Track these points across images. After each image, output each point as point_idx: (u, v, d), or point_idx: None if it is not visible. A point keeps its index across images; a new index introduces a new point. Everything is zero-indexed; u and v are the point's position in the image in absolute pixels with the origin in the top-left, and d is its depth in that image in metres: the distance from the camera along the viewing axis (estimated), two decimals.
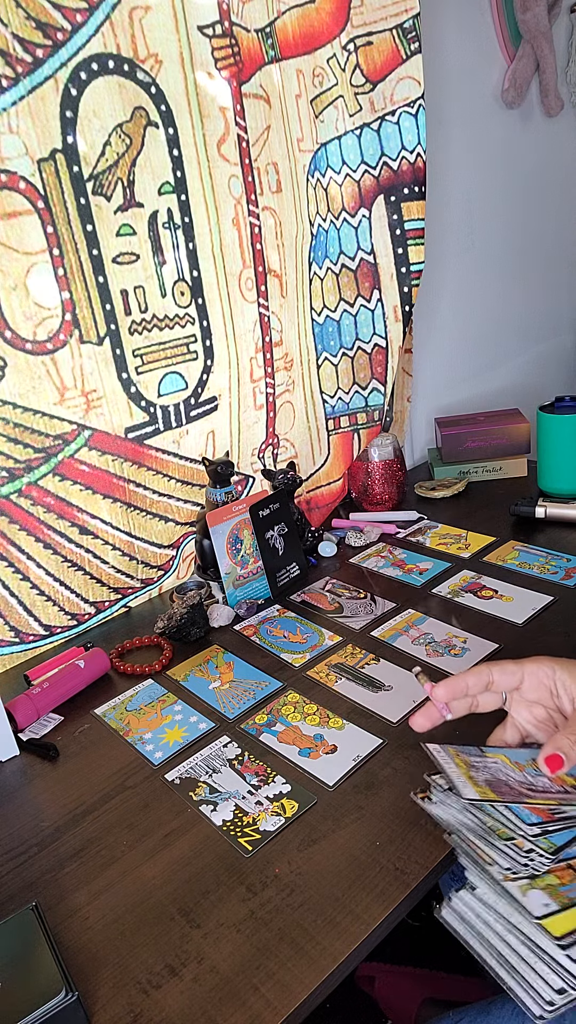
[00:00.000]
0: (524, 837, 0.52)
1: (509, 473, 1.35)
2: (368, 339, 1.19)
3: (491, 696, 0.62)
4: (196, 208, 0.97)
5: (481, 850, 0.53)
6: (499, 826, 0.54)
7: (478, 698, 0.62)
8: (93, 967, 0.55)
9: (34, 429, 0.90)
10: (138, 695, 0.87)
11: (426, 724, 0.61)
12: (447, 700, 0.61)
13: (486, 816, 0.54)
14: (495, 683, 0.61)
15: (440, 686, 0.61)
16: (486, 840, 0.53)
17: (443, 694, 0.61)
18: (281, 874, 0.60)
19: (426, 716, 0.61)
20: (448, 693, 0.61)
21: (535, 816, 0.54)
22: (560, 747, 0.55)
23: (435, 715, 0.61)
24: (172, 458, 1.05)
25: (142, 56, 0.87)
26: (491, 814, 0.54)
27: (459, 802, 0.56)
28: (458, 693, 0.61)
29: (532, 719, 0.62)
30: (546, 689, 0.60)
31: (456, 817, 0.56)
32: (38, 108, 0.81)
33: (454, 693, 0.61)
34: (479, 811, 0.55)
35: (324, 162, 1.09)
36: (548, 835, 0.53)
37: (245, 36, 0.97)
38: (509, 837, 0.53)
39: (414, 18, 1.01)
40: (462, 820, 0.55)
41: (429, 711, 0.61)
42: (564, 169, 1.69)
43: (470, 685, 0.61)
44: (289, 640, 0.93)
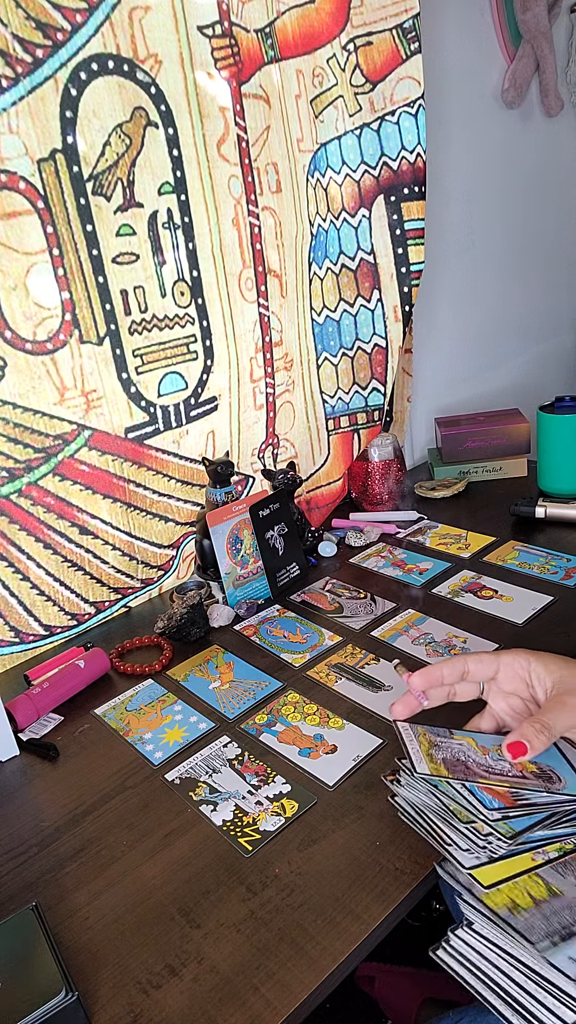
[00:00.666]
0: (484, 821, 0.54)
1: (509, 473, 1.35)
2: (368, 339, 1.19)
3: (468, 686, 0.65)
4: (196, 208, 0.97)
5: (442, 831, 0.54)
6: (461, 809, 0.55)
7: (455, 687, 0.65)
8: (93, 967, 0.55)
9: (34, 429, 0.90)
10: (138, 695, 0.87)
11: (404, 711, 0.64)
12: (423, 688, 0.64)
13: (450, 800, 0.56)
14: (471, 673, 0.64)
15: (416, 675, 0.64)
16: (447, 822, 0.55)
17: (419, 682, 0.63)
18: (281, 874, 0.60)
19: (404, 704, 0.64)
20: (424, 682, 0.63)
21: (497, 801, 0.55)
22: (524, 735, 0.56)
23: (413, 703, 0.64)
24: (172, 458, 1.05)
25: (142, 56, 0.87)
26: (454, 798, 0.56)
27: (425, 785, 0.58)
28: (434, 682, 0.64)
29: (509, 709, 0.64)
30: (521, 680, 0.62)
31: (421, 799, 0.57)
32: (38, 108, 0.81)
33: (429, 682, 0.63)
34: (444, 795, 0.57)
35: (324, 162, 1.09)
36: (508, 820, 0.54)
37: (245, 36, 0.97)
38: (470, 820, 0.54)
39: (414, 18, 1.01)
40: (426, 802, 0.57)
41: (407, 699, 0.64)
42: (564, 169, 1.69)
43: (445, 675, 0.63)
44: (289, 640, 0.93)
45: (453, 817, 0.55)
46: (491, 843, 0.53)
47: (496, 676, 0.63)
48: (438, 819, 0.55)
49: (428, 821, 0.56)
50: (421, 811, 0.57)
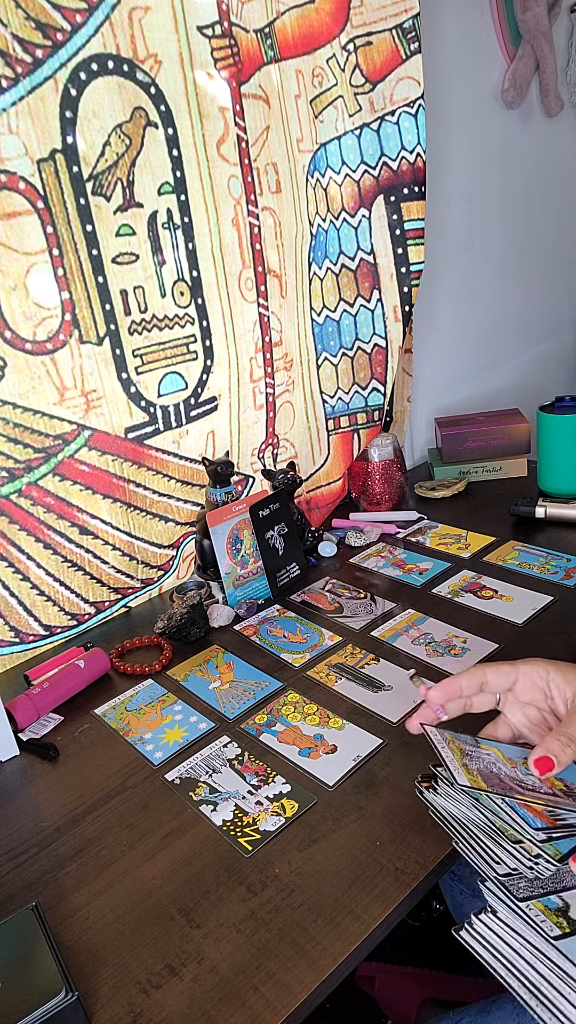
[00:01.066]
0: (532, 842, 0.52)
1: (509, 473, 1.35)
2: (368, 339, 1.19)
3: (485, 697, 0.63)
4: (196, 208, 0.97)
5: (488, 848, 0.53)
6: (507, 827, 0.54)
7: (472, 699, 0.63)
8: (93, 967, 0.55)
9: (34, 429, 0.90)
10: (138, 695, 0.87)
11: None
12: (442, 702, 0.62)
13: (494, 816, 0.55)
14: (489, 684, 0.62)
15: (435, 688, 0.62)
16: (494, 840, 0.53)
17: (438, 696, 0.61)
18: (281, 874, 0.60)
19: (422, 717, 0.62)
20: (443, 695, 0.61)
21: (540, 821, 0.54)
22: (551, 749, 0.55)
23: (430, 716, 0.62)
24: (172, 458, 1.05)
25: (141, 56, 0.87)
26: (498, 814, 0.55)
27: (467, 797, 0.56)
28: (452, 695, 0.62)
29: (525, 720, 0.63)
30: (540, 690, 0.61)
31: (464, 812, 0.56)
32: (38, 108, 0.81)
33: (448, 695, 0.62)
34: (487, 809, 0.55)
35: (324, 162, 1.09)
36: (554, 841, 0.53)
37: (244, 36, 0.97)
38: (517, 840, 0.53)
39: (414, 18, 1.01)
40: (470, 816, 0.55)
41: (424, 713, 0.62)
42: (564, 169, 1.69)
43: (464, 687, 0.62)
44: (289, 640, 0.93)
45: (499, 835, 0.54)
46: (539, 864, 0.52)
47: (514, 687, 0.62)
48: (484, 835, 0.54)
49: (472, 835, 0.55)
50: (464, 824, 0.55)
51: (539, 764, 0.55)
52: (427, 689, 0.62)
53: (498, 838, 0.53)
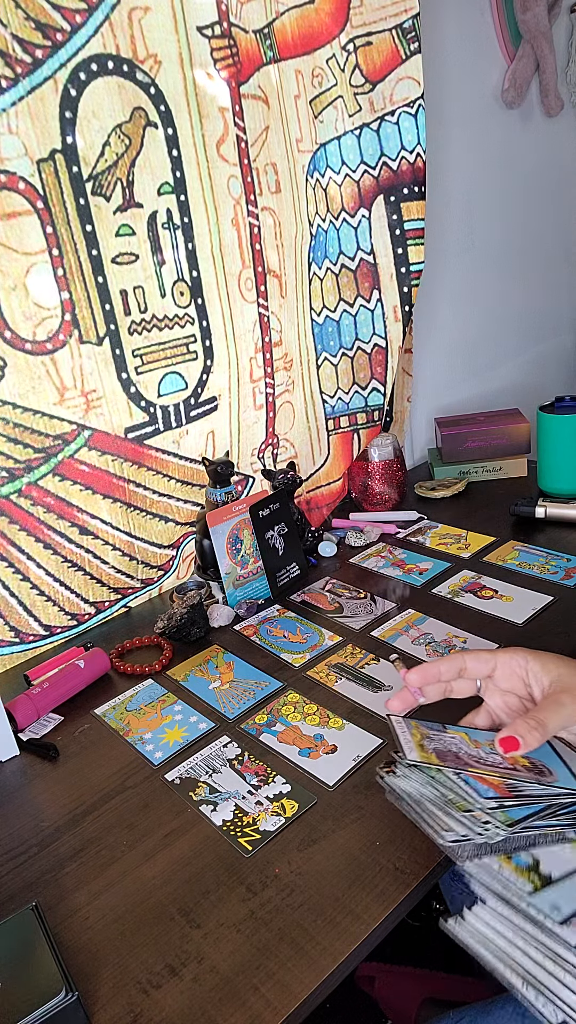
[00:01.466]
0: (482, 810, 0.54)
1: (509, 473, 1.35)
2: (368, 339, 1.19)
3: (465, 683, 0.65)
4: (195, 208, 0.97)
5: (440, 819, 0.54)
6: (459, 799, 0.55)
7: (452, 684, 0.65)
8: (93, 967, 0.55)
9: (34, 429, 0.90)
10: (138, 695, 0.87)
11: (400, 707, 0.64)
12: (420, 685, 0.64)
13: (446, 790, 0.56)
14: (468, 670, 0.64)
15: (413, 671, 0.64)
16: (445, 811, 0.55)
17: (416, 679, 0.63)
18: (281, 874, 0.60)
19: (400, 699, 0.64)
20: (420, 678, 0.63)
21: (492, 791, 0.56)
22: (517, 731, 0.56)
23: (409, 699, 0.64)
24: (172, 458, 1.05)
25: (141, 56, 0.87)
26: (450, 787, 0.56)
27: (421, 776, 0.58)
28: (430, 679, 0.64)
29: (505, 707, 0.64)
30: (518, 678, 0.62)
31: (418, 789, 0.57)
32: (37, 109, 0.81)
33: (426, 679, 0.63)
34: (441, 785, 0.57)
35: (323, 162, 1.09)
36: (505, 809, 0.54)
37: (243, 37, 0.97)
38: (467, 809, 0.54)
39: (414, 18, 1.01)
40: (423, 792, 0.57)
41: (403, 695, 0.64)
42: (564, 169, 1.69)
43: (442, 671, 0.64)
44: (289, 640, 0.93)
45: (451, 806, 0.55)
46: (488, 830, 0.53)
47: (493, 674, 0.63)
48: (435, 808, 0.56)
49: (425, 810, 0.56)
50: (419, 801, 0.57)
51: (504, 743, 0.56)
52: (406, 672, 0.64)
53: (449, 808, 0.55)
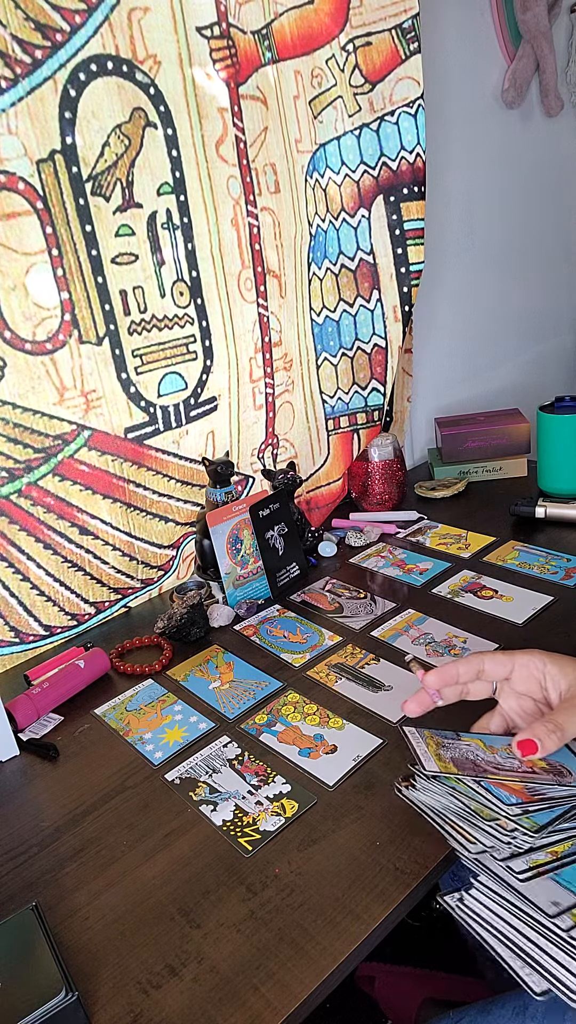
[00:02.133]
0: (507, 817, 0.54)
1: (509, 473, 1.35)
2: (367, 339, 1.19)
3: (482, 685, 0.64)
4: (195, 208, 0.97)
5: (466, 832, 0.54)
6: (482, 808, 0.55)
7: (468, 686, 0.64)
8: (93, 967, 0.55)
9: (34, 429, 0.90)
10: (138, 695, 0.87)
11: (417, 710, 0.64)
12: (438, 687, 0.63)
13: (469, 800, 0.56)
14: (486, 672, 0.63)
15: (431, 674, 0.63)
16: (470, 822, 0.55)
17: (434, 681, 0.63)
18: (281, 874, 0.60)
19: (417, 702, 0.64)
20: (439, 680, 0.63)
21: (514, 797, 0.55)
22: (536, 733, 0.56)
23: (426, 701, 0.64)
24: (172, 458, 1.05)
25: (141, 57, 0.88)
26: (473, 796, 0.56)
27: (442, 787, 0.58)
28: (449, 681, 0.63)
29: (520, 710, 0.64)
30: (535, 681, 0.62)
31: (440, 802, 0.57)
32: (37, 109, 0.81)
33: (445, 680, 0.63)
34: (462, 795, 0.56)
35: (323, 163, 1.09)
36: (529, 815, 0.54)
37: (242, 38, 0.97)
38: (492, 818, 0.54)
39: (413, 18, 1.01)
40: (446, 804, 0.57)
41: (421, 697, 0.64)
42: (564, 169, 1.69)
43: (461, 673, 0.63)
44: (289, 640, 0.93)
45: (475, 816, 0.55)
46: (516, 838, 0.53)
47: (510, 676, 0.63)
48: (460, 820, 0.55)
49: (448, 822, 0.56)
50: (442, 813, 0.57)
51: (522, 746, 0.56)
52: (424, 674, 0.63)
53: (473, 819, 0.54)
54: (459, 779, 0.57)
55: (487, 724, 0.65)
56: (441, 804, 0.57)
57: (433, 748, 0.61)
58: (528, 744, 0.56)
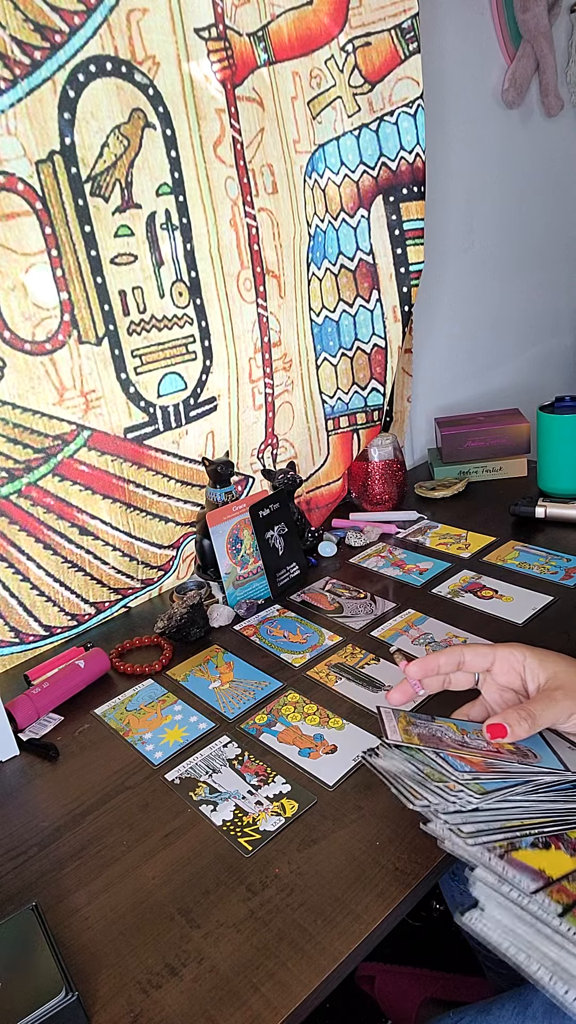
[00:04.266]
0: (455, 781, 0.56)
1: (509, 473, 1.35)
2: (367, 339, 1.19)
3: (464, 675, 0.66)
4: (194, 209, 0.98)
5: (414, 790, 0.56)
6: (434, 772, 0.57)
7: (450, 677, 0.66)
8: (93, 967, 0.55)
9: (33, 429, 0.90)
10: (138, 695, 0.87)
11: (400, 699, 0.65)
12: (419, 677, 0.65)
13: (424, 766, 0.58)
14: (467, 664, 0.65)
15: (413, 664, 0.64)
16: (420, 783, 0.56)
17: (416, 671, 0.64)
18: (281, 874, 0.60)
19: (400, 691, 0.65)
20: (420, 671, 0.64)
21: (469, 767, 0.57)
22: (507, 719, 0.57)
23: (409, 691, 0.65)
24: (172, 458, 1.05)
25: (140, 58, 0.88)
26: (429, 764, 0.58)
27: (401, 755, 0.60)
28: (430, 671, 0.64)
29: (501, 701, 0.65)
30: (516, 674, 0.63)
31: (397, 766, 0.59)
32: (36, 110, 0.81)
33: (426, 671, 0.64)
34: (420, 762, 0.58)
35: (322, 163, 1.09)
36: (480, 781, 0.56)
37: (238, 40, 0.97)
38: (441, 780, 0.56)
39: (412, 18, 1.01)
40: (402, 768, 0.59)
41: (403, 687, 0.65)
42: (564, 169, 1.69)
43: (442, 664, 0.64)
44: (289, 640, 0.93)
45: (427, 779, 0.57)
46: (460, 798, 0.54)
47: (492, 668, 0.64)
48: (411, 781, 0.57)
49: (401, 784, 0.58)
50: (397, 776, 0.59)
51: (491, 729, 0.58)
52: (406, 664, 0.65)
53: (426, 782, 0.56)
54: (420, 749, 0.59)
55: (468, 712, 0.67)
56: (397, 768, 0.59)
57: (403, 724, 0.63)
58: (498, 728, 0.57)
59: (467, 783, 0.55)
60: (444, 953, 1.02)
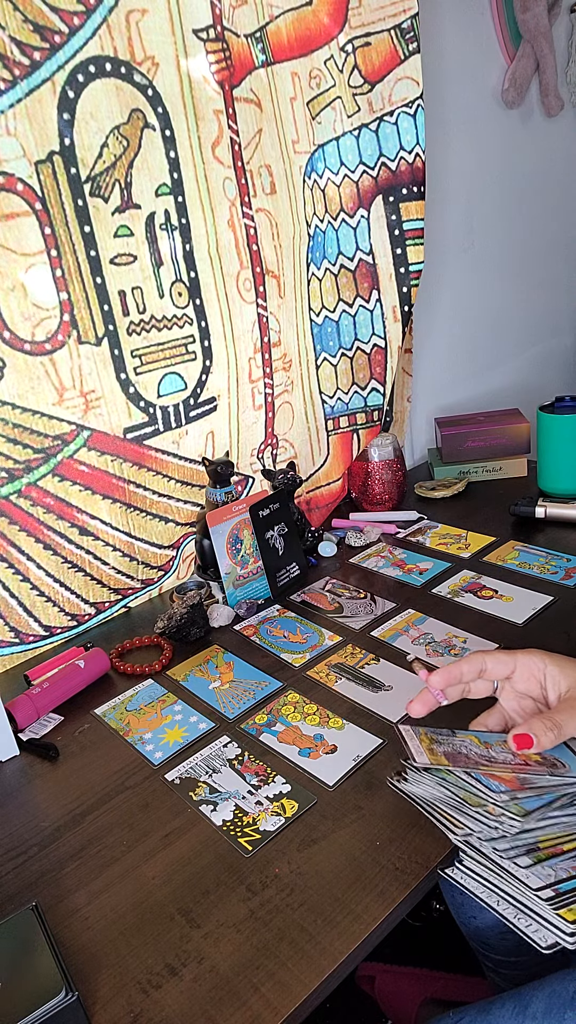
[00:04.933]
0: (495, 804, 0.54)
1: (509, 473, 1.35)
2: (367, 339, 1.19)
3: (483, 684, 0.65)
4: (192, 210, 0.98)
5: (455, 819, 0.55)
6: (470, 796, 0.56)
7: (470, 685, 0.65)
8: (93, 967, 0.55)
9: (33, 430, 0.90)
10: (138, 695, 0.87)
11: (422, 710, 0.64)
12: (442, 687, 0.63)
13: (459, 789, 0.57)
14: (488, 672, 0.63)
15: (436, 674, 0.63)
16: (458, 809, 0.56)
17: (438, 681, 0.63)
18: (281, 874, 0.60)
19: (422, 702, 0.64)
20: (443, 680, 0.63)
21: (504, 786, 0.56)
22: (534, 729, 0.56)
23: (430, 701, 0.64)
24: (172, 458, 1.05)
25: (139, 59, 0.88)
26: (462, 787, 0.57)
27: (432, 778, 0.59)
28: (452, 680, 0.63)
29: (520, 709, 0.64)
30: (536, 681, 0.62)
31: (431, 792, 0.58)
32: (35, 110, 0.81)
33: (449, 680, 0.63)
34: (453, 785, 0.57)
35: (322, 163, 1.09)
36: (518, 801, 0.55)
37: (235, 41, 0.97)
38: (480, 804, 0.55)
39: (412, 18, 1.01)
40: (436, 794, 0.58)
41: (424, 697, 0.64)
42: (564, 169, 1.69)
43: (464, 672, 0.63)
44: (289, 640, 0.93)
45: (463, 804, 0.56)
46: (503, 823, 0.53)
47: (512, 676, 0.63)
48: (450, 809, 0.56)
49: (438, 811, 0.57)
50: (431, 803, 0.58)
51: (518, 740, 0.57)
52: (427, 674, 0.64)
53: (462, 807, 0.55)
54: (449, 771, 0.58)
55: (486, 721, 0.66)
56: (431, 794, 0.58)
57: (426, 743, 0.62)
58: (524, 738, 0.56)
59: (506, 805, 0.54)
60: (444, 953, 1.02)
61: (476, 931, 0.86)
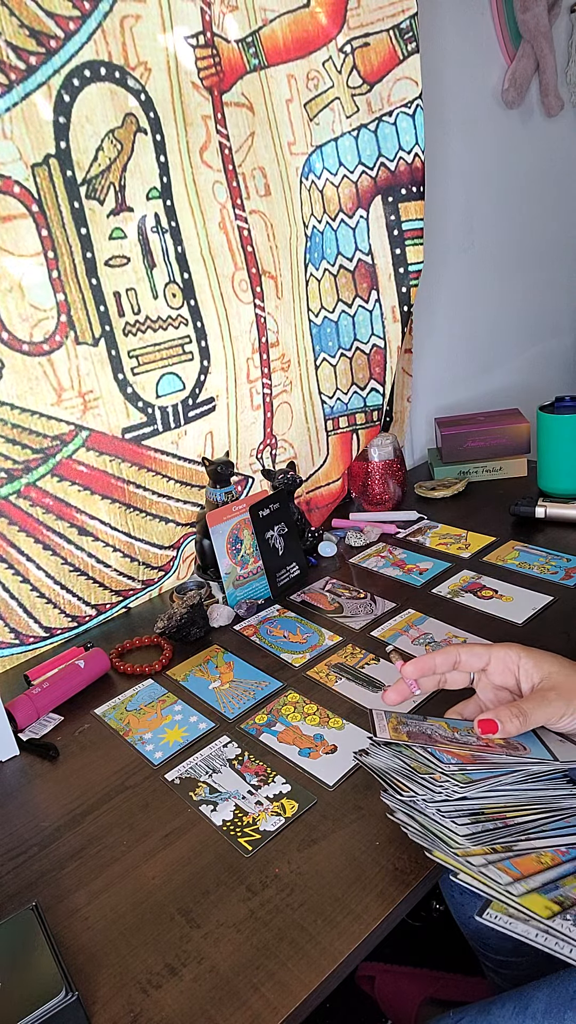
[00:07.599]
0: (441, 772, 0.57)
1: (509, 473, 1.35)
2: (366, 340, 1.19)
3: (459, 675, 0.66)
4: (182, 213, 0.97)
5: (402, 783, 0.57)
6: (420, 766, 0.58)
7: (446, 676, 0.66)
8: (93, 967, 0.55)
9: (32, 430, 0.90)
10: (138, 695, 0.87)
11: (396, 698, 0.66)
12: (416, 677, 0.65)
13: (412, 760, 0.59)
14: (462, 663, 0.65)
15: (410, 664, 0.65)
16: (408, 777, 0.57)
17: (412, 671, 0.65)
18: (281, 874, 0.60)
19: (396, 691, 0.66)
20: (417, 670, 0.65)
21: (455, 760, 0.58)
22: (499, 715, 0.58)
23: (405, 691, 0.66)
24: (171, 459, 1.05)
25: (132, 63, 0.88)
26: (416, 758, 0.59)
27: (389, 751, 0.61)
28: (426, 671, 0.65)
29: (496, 701, 0.65)
30: (510, 673, 0.63)
31: (385, 763, 0.60)
32: (32, 114, 0.82)
33: (422, 671, 0.65)
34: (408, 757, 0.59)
35: (320, 164, 1.09)
36: (466, 772, 0.56)
37: (225, 47, 0.97)
38: (428, 772, 0.57)
39: (411, 18, 1.01)
40: (390, 764, 0.59)
41: (399, 687, 0.66)
42: (564, 169, 1.69)
43: (438, 664, 0.65)
44: (289, 640, 0.93)
45: (414, 773, 0.57)
46: (446, 787, 0.55)
47: (487, 668, 0.64)
48: (399, 776, 0.58)
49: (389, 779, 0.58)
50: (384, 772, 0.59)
51: (482, 724, 0.58)
52: (402, 664, 0.65)
53: (412, 775, 0.57)
54: (408, 746, 0.60)
55: (462, 711, 0.67)
56: (386, 764, 0.60)
57: (393, 723, 0.64)
58: (489, 723, 0.58)
59: (452, 773, 0.56)
60: (444, 953, 1.02)
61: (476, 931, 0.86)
